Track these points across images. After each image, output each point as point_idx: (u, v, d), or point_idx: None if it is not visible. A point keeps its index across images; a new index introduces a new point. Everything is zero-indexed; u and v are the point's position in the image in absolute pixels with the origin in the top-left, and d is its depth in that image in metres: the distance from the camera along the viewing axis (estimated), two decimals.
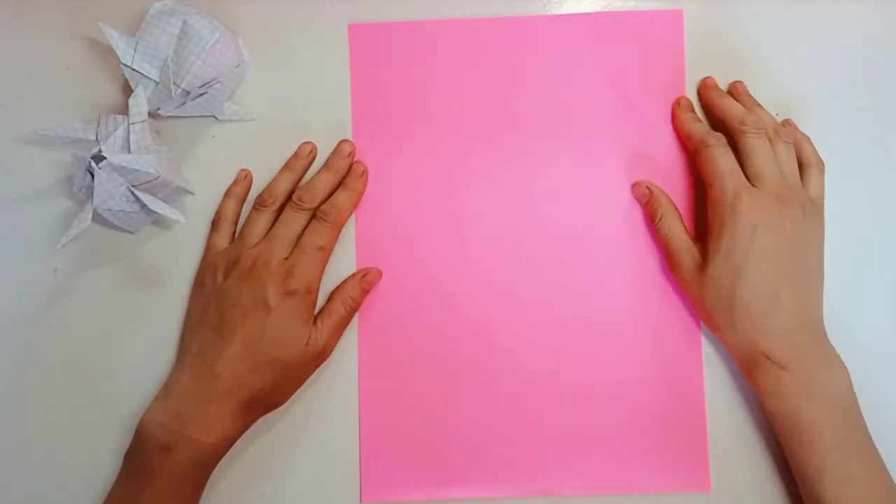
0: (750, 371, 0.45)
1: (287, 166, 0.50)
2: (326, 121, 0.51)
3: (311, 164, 0.51)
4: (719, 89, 0.50)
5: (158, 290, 0.50)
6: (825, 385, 0.43)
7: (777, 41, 0.52)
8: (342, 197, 0.49)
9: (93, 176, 0.45)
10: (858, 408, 0.44)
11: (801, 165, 0.48)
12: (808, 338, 0.44)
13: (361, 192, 0.50)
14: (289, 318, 0.45)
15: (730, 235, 0.44)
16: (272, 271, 0.45)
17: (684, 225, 0.48)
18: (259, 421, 0.47)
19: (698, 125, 0.49)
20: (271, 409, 0.47)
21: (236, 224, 0.50)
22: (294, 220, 0.48)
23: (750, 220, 0.44)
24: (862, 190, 0.51)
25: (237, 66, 0.50)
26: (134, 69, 0.47)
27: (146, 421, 0.44)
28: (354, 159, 0.50)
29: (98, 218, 0.47)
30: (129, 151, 0.47)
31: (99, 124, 0.48)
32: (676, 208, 0.49)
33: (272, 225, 0.48)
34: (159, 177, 0.47)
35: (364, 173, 0.50)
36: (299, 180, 0.50)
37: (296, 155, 0.50)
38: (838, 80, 0.52)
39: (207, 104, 0.50)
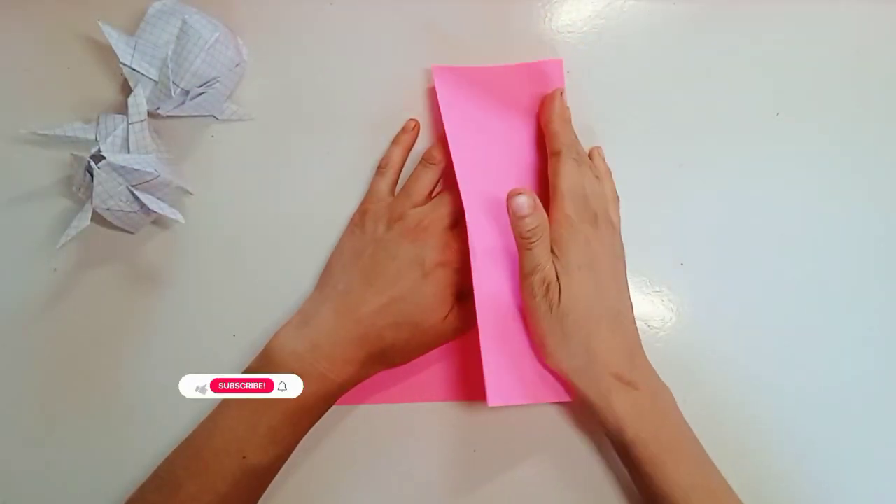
0: (604, 399, 0.43)
1: None
2: (326, 120, 0.51)
3: None
4: (564, 106, 0.49)
5: (158, 289, 0.50)
6: (669, 403, 0.44)
7: (774, 40, 0.52)
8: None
9: (92, 175, 0.45)
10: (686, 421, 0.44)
11: None
12: (642, 358, 0.45)
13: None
14: (437, 287, 0.45)
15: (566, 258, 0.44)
16: (434, 237, 0.46)
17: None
18: None
19: (569, 129, 0.48)
20: (390, 367, 0.47)
21: (400, 172, 0.50)
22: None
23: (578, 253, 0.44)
24: (860, 189, 0.51)
25: (237, 65, 0.50)
26: (133, 69, 0.47)
27: (279, 345, 0.44)
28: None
29: (97, 218, 0.47)
30: (129, 151, 0.47)
31: (98, 124, 0.48)
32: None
33: (436, 183, 0.49)
34: (158, 176, 0.47)
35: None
36: None
37: None
38: (837, 81, 0.52)
39: (207, 104, 0.50)
